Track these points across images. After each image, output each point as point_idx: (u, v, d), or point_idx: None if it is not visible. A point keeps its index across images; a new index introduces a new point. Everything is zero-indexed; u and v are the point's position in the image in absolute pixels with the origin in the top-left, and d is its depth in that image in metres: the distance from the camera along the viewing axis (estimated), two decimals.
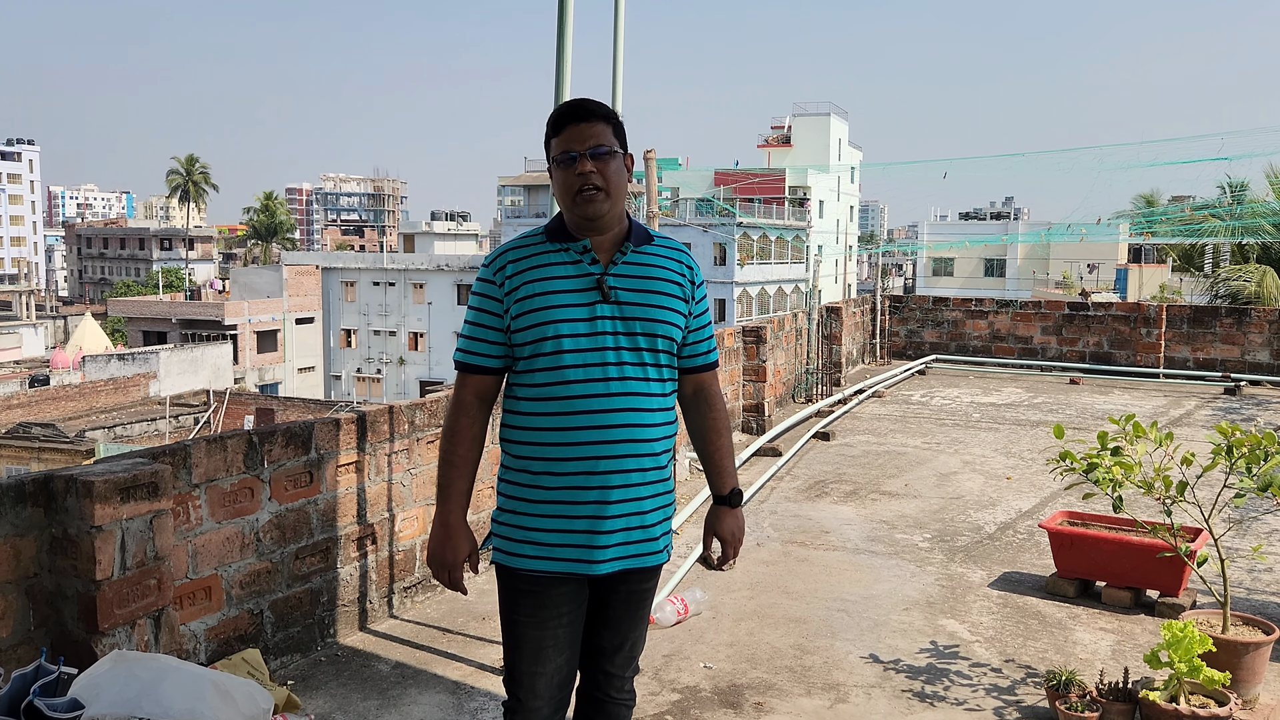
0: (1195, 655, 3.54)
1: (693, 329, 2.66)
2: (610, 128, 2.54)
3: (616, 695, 2.75)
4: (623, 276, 2.54)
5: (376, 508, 4.80)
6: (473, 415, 2.60)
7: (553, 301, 2.49)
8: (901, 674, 4.39)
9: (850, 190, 66.41)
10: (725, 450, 2.75)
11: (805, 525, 6.67)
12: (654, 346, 2.54)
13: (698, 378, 2.71)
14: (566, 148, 2.50)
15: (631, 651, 2.73)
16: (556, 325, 2.48)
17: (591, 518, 2.50)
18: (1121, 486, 4.19)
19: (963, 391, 12.50)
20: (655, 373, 2.55)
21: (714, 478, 2.76)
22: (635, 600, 2.66)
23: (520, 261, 2.55)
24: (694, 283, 2.65)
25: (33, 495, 3.20)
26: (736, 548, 2.78)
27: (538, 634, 2.56)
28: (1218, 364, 13.47)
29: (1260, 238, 19.77)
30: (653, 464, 2.55)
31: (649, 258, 2.59)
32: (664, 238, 2.67)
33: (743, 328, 9.88)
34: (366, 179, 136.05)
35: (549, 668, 2.57)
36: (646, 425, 2.52)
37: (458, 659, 4.47)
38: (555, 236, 2.57)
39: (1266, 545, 6.19)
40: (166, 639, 3.38)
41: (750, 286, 49.45)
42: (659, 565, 2.65)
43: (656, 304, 2.55)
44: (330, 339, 57.14)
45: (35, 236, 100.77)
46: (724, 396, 2.98)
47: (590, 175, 2.48)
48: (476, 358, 2.59)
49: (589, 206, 2.50)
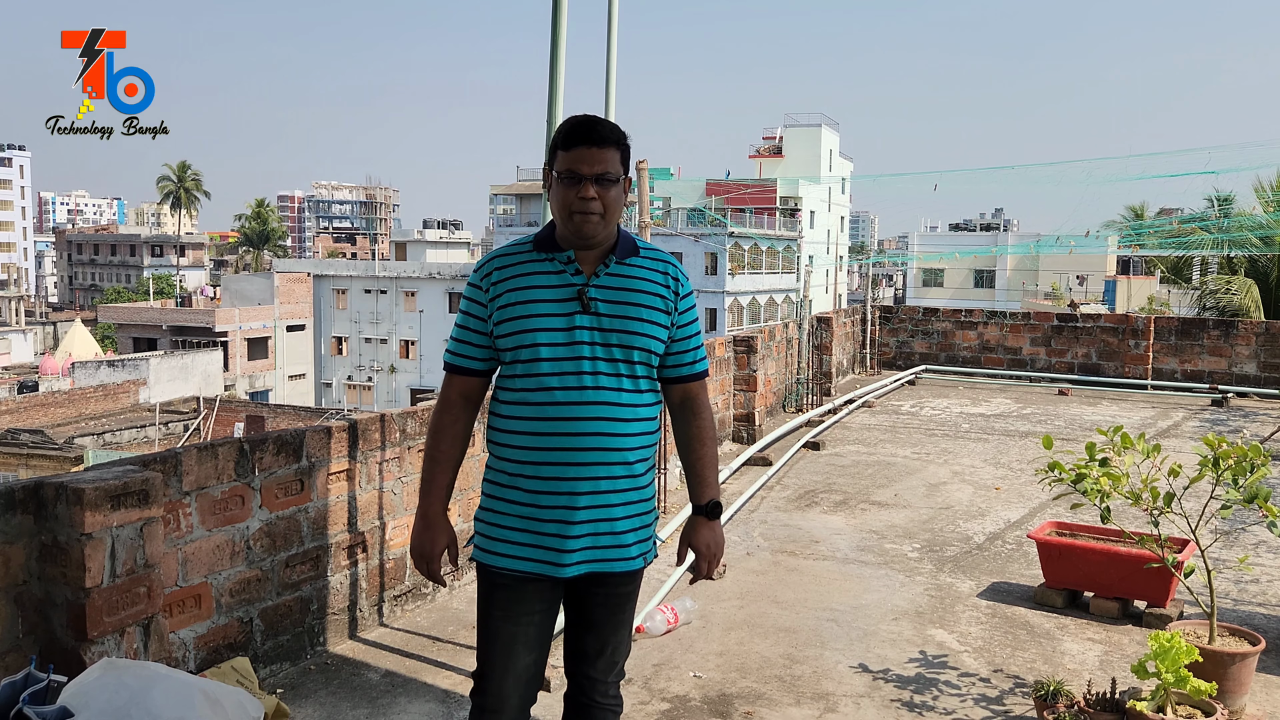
0: (1182, 666, 3.56)
1: (678, 339, 2.70)
2: (619, 154, 2.58)
3: (602, 700, 2.77)
4: (604, 288, 2.59)
5: (367, 516, 4.80)
6: (456, 413, 2.69)
7: (533, 310, 2.56)
8: (890, 684, 4.41)
9: (841, 201, 66.61)
10: (708, 460, 2.77)
11: (795, 535, 6.68)
12: (630, 358, 2.58)
13: (685, 387, 2.75)
14: (573, 167, 2.54)
15: (614, 656, 2.75)
16: (535, 334, 2.55)
17: (559, 521, 2.56)
18: (1109, 497, 4.21)
19: (952, 402, 12.54)
20: (631, 384, 2.59)
21: (694, 487, 2.79)
22: (614, 604, 2.70)
23: (506, 269, 2.62)
24: (678, 294, 2.68)
25: (22, 502, 3.19)
26: (713, 561, 2.79)
27: (510, 630, 2.63)
28: (1205, 376, 13.55)
29: (1247, 250, 19.89)
30: (624, 472, 2.59)
31: (633, 269, 2.63)
32: (651, 249, 2.70)
33: (734, 337, 9.90)
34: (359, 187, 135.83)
35: (518, 664, 2.64)
36: (618, 435, 2.57)
37: (447, 667, 4.47)
38: (542, 246, 2.62)
39: (1253, 556, 6.23)
40: (155, 647, 3.37)
41: (741, 296, 49.52)
42: (634, 571, 2.68)
43: (636, 316, 2.59)
44: (321, 346, 57.03)
45: (25, 242, 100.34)
46: (712, 407, 3.00)
47: (591, 201, 2.52)
48: (462, 359, 2.68)
49: (585, 228, 2.55)
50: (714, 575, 2.93)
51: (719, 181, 57.11)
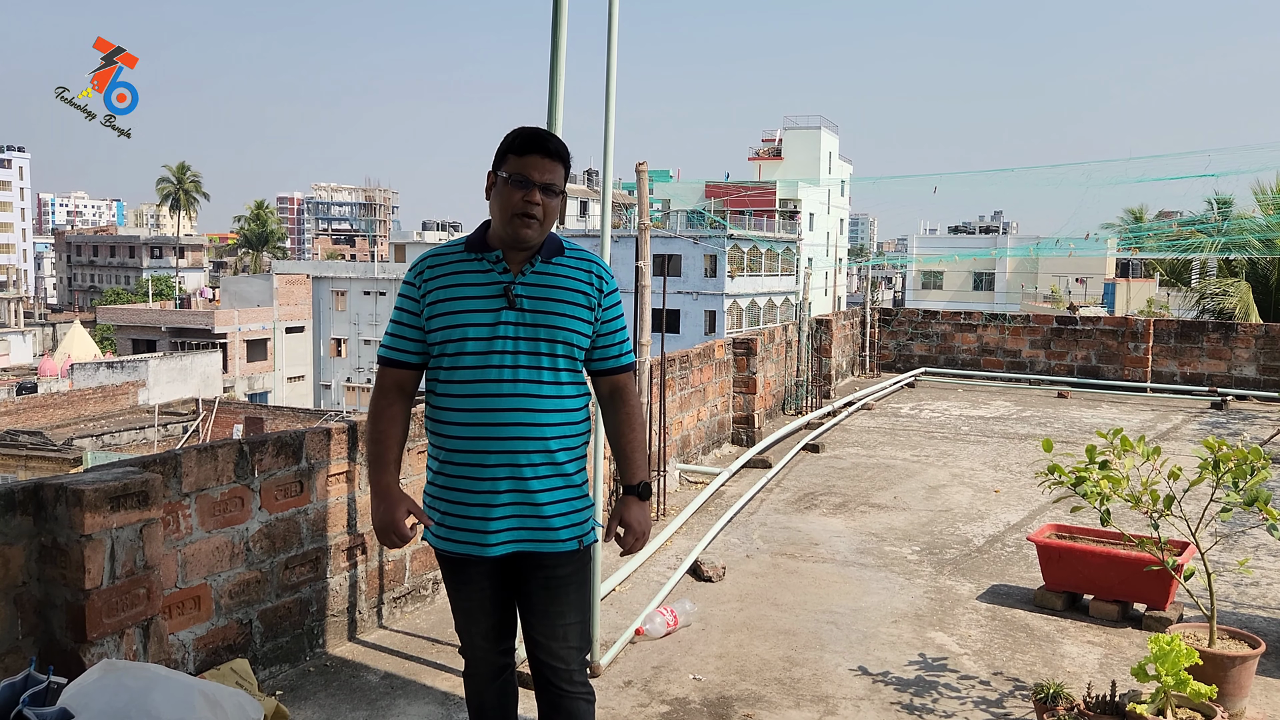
0: (1182, 669, 3.55)
1: (603, 334, 2.84)
2: (564, 170, 2.75)
3: (568, 688, 2.84)
4: (530, 285, 2.73)
5: (366, 518, 4.79)
6: (391, 398, 2.84)
7: (460, 307, 2.72)
8: (890, 686, 4.40)
9: (840, 203, 66.63)
10: (637, 444, 2.92)
11: (794, 537, 6.68)
12: (554, 351, 2.72)
13: (612, 379, 2.90)
14: (524, 172, 2.69)
15: (567, 639, 2.84)
16: (462, 329, 2.70)
17: (483, 505, 2.72)
18: (1109, 500, 4.21)
19: (951, 404, 12.54)
20: (552, 375, 2.73)
21: (624, 469, 2.92)
22: (555, 586, 2.81)
23: (438, 269, 2.78)
24: (602, 291, 2.81)
25: (22, 504, 3.19)
26: (641, 537, 2.91)
27: (465, 604, 2.88)
28: (1205, 379, 13.56)
29: (1246, 253, 19.89)
30: (544, 460, 2.72)
31: (558, 268, 2.77)
32: (576, 249, 2.84)
33: (733, 340, 9.91)
34: (358, 188, 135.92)
35: (480, 627, 2.90)
36: (538, 425, 2.70)
37: (447, 669, 4.47)
38: (473, 247, 2.77)
39: (1253, 559, 6.23)
40: (155, 648, 3.36)
41: (740, 298, 49.53)
42: (567, 553, 2.79)
43: (560, 311, 2.73)
44: (320, 348, 57.02)
45: (24, 244, 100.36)
46: (711, 409, 3.07)
47: (534, 207, 2.67)
48: (396, 353, 2.83)
49: (524, 230, 2.69)
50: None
51: (718, 184, 57.17)
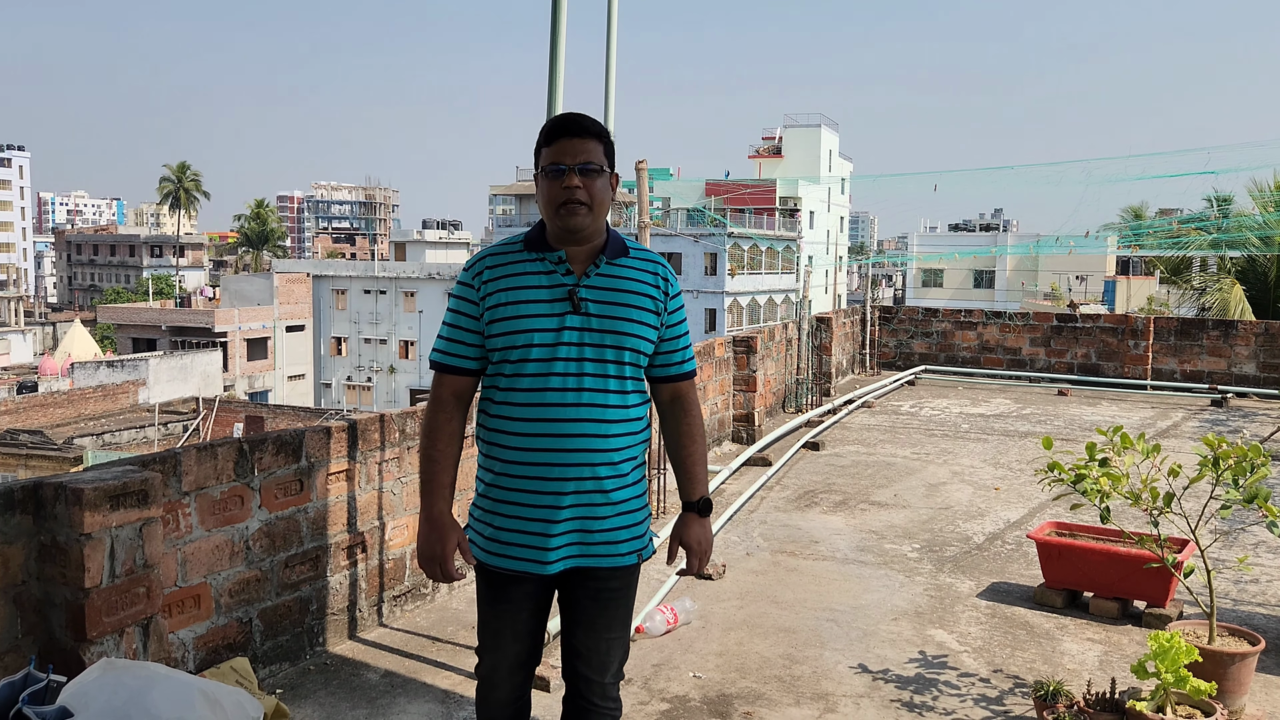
0: (1182, 666, 3.56)
1: (667, 339, 2.72)
2: (601, 146, 2.60)
3: (600, 703, 2.76)
4: (595, 288, 2.60)
5: (367, 516, 4.80)
6: (450, 412, 2.70)
7: (523, 311, 2.57)
8: (890, 684, 4.41)
9: (840, 201, 66.63)
10: (698, 457, 2.79)
11: (795, 535, 6.68)
12: (620, 359, 2.60)
13: (674, 386, 2.78)
14: (556, 160, 2.55)
15: (609, 655, 2.74)
16: (526, 334, 2.56)
17: (543, 520, 2.58)
18: (1109, 498, 4.21)
19: (952, 402, 12.54)
20: (618, 384, 2.60)
21: (684, 484, 2.80)
22: (605, 600, 2.69)
23: (497, 269, 2.62)
24: (668, 294, 2.70)
25: (21, 502, 3.19)
26: (704, 557, 2.80)
27: (497, 622, 2.71)
28: (1204, 376, 13.55)
29: (1245, 251, 19.89)
30: (610, 472, 2.60)
31: (623, 270, 2.64)
32: (641, 249, 2.71)
33: (733, 338, 9.90)
34: (358, 187, 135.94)
35: (507, 652, 2.72)
36: (603, 435, 2.58)
37: (447, 668, 4.47)
38: (533, 246, 2.63)
39: (1252, 557, 6.23)
40: (155, 647, 3.36)
41: (741, 296, 49.52)
42: (626, 567, 2.69)
43: (626, 316, 2.60)
44: (321, 347, 57.00)
45: (25, 243, 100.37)
46: (712, 407, 3.03)
47: (576, 190, 2.54)
48: (453, 359, 2.68)
49: (572, 219, 2.55)
50: (704, 572, 2.93)
51: (718, 182, 57.14)
